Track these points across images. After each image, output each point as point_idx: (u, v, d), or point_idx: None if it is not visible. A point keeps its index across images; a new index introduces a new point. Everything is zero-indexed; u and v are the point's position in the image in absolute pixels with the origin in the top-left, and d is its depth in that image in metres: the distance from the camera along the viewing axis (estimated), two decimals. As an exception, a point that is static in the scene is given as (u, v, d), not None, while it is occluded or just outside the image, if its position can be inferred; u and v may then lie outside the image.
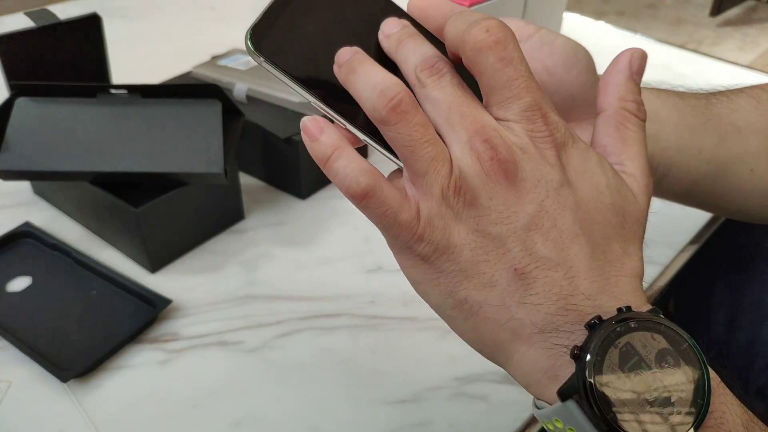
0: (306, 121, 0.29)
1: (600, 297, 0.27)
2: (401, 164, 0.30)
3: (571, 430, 0.25)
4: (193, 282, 0.56)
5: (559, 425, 0.26)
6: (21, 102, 0.57)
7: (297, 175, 0.65)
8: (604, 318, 0.25)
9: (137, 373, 0.48)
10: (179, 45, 0.96)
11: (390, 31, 0.31)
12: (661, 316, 0.26)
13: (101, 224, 0.60)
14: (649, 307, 0.27)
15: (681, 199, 0.44)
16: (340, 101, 0.29)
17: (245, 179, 0.69)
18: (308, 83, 0.29)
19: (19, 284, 0.55)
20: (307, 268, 0.58)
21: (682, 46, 1.05)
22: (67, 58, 0.65)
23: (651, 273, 0.59)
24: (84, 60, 0.66)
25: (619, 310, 0.26)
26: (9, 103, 0.57)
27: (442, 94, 0.28)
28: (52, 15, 0.64)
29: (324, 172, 0.29)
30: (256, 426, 0.45)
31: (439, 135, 0.28)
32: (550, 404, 0.26)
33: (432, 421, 0.46)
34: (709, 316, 0.64)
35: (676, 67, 0.96)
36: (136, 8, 1.12)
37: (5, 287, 0.54)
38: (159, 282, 0.56)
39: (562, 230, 0.27)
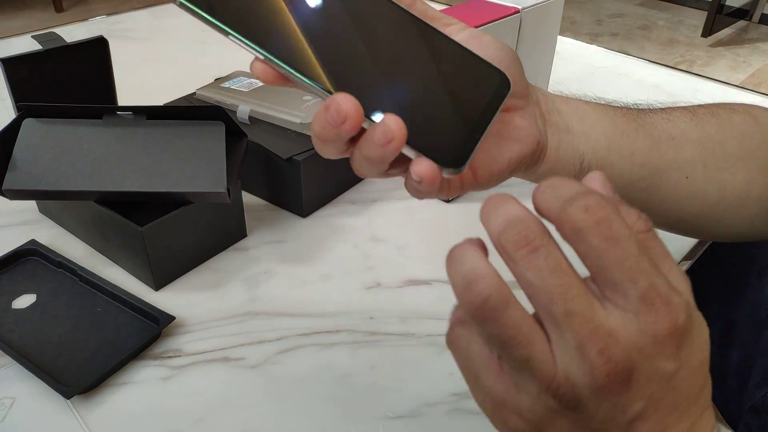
0: None
1: None
2: (323, 97, 0.30)
3: None
4: (196, 299, 0.57)
5: None
6: (28, 123, 0.58)
7: (298, 194, 0.66)
8: None
9: (140, 390, 0.49)
10: (183, 67, 0.98)
11: None
12: None
13: (106, 242, 0.60)
14: None
15: None
16: (259, 33, 0.30)
17: (248, 198, 0.70)
18: (225, 19, 0.29)
19: (24, 301, 0.55)
20: (308, 285, 0.59)
21: (674, 67, 1.06)
22: (74, 80, 0.66)
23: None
24: (90, 82, 0.68)
25: None
26: (16, 124, 0.58)
27: (539, 279, 0.24)
28: (59, 38, 0.65)
29: None
30: (258, 441, 0.46)
31: (539, 319, 0.25)
32: None
33: (431, 435, 0.46)
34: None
35: (668, 87, 0.98)
36: (141, 31, 1.14)
37: (11, 304, 0.55)
38: (162, 299, 0.57)
39: (662, 415, 0.25)
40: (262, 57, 0.31)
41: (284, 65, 0.31)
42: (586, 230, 0.24)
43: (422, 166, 0.31)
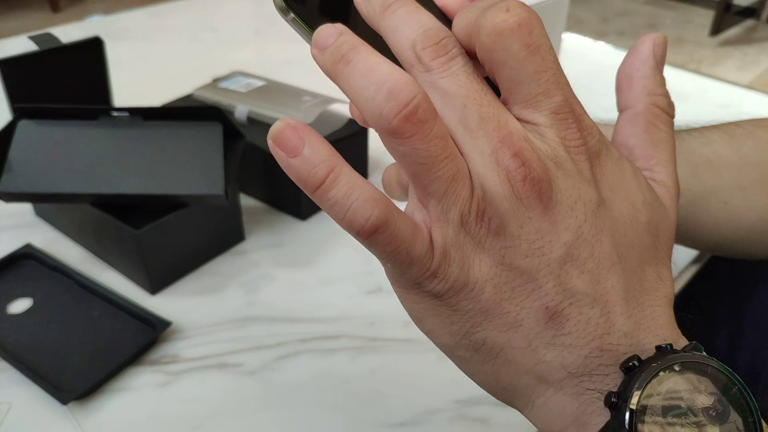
0: (281, 129, 0.23)
1: (638, 333, 0.23)
2: None
3: None
4: (193, 304, 0.56)
5: None
6: (23, 124, 0.58)
7: (297, 196, 0.65)
8: (643, 358, 0.22)
9: (137, 396, 0.48)
10: (181, 67, 0.97)
11: None
12: (704, 353, 0.23)
13: (102, 246, 0.60)
14: (686, 341, 0.24)
15: None
16: None
17: (245, 200, 0.69)
18: None
19: (19, 306, 0.55)
20: (307, 290, 0.58)
21: (682, 66, 1.05)
22: (70, 81, 0.66)
23: (652, 293, 0.58)
24: (86, 83, 0.67)
25: (659, 348, 0.23)
26: (12, 126, 0.57)
27: (455, 85, 0.23)
28: (55, 39, 0.65)
29: (312, 198, 0.23)
30: (256, 449, 0.45)
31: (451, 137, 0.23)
32: None
33: (432, 444, 0.46)
34: (709, 338, 0.64)
35: (676, 86, 0.97)
36: (138, 31, 1.14)
37: (6, 309, 0.54)
38: (159, 304, 0.56)
39: (599, 259, 0.23)
40: None
41: None
42: (507, 33, 0.22)
43: None
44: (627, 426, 0.21)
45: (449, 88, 0.23)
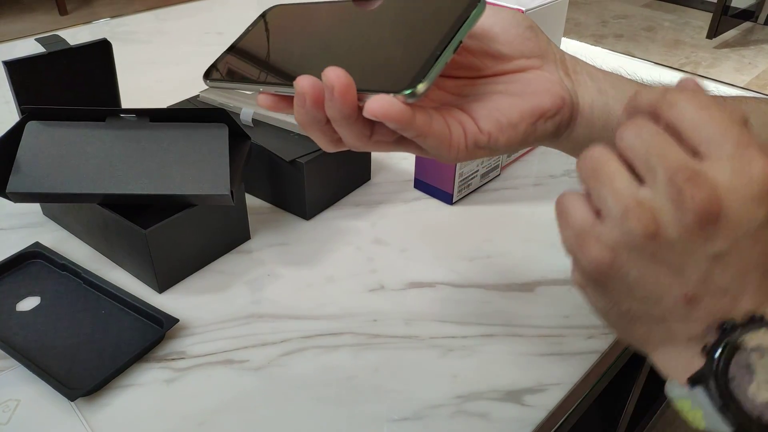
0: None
1: (756, 310, 0.28)
2: None
3: (697, 410, 0.28)
4: (199, 301, 0.57)
5: (687, 406, 0.29)
6: (31, 126, 0.58)
7: (301, 197, 0.66)
8: (738, 323, 0.27)
9: (144, 392, 0.49)
10: (187, 69, 0.98)
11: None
12: None
13: (110, 245, 0.61)
14: None
15: None
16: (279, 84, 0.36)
17: (251, 200, 0.70)
18: (249, 82, 0.38)
19: (28, 304, 0.55)
20: (311, 288, 0.59)
21: (679, 68, 1.06)
22: (77, 83, 0.66)
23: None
24: (94, 84, 0.68)
25: (752, 318, 0.27)
26: (20, 127, 0.58)
27: (638, 139, 0.28)
28: (63, 41, 0.66)
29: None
30: (262, 443, 0.46)
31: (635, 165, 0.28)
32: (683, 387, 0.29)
33: (434, 438, 0.46)
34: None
35: (673, 89, 0.98)
36: (145, 33, 1.15)
37: (15, 307, 0.55)
38: (166, 302, 0.57)
39: (745, 264, 0.27)
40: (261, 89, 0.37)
41: (275, 88, 0.37)
42: (682, 101, 0.28)
43: (372, 102, 0.30)
44: (716, 365, 0.27)
45: (634, 142, 0.29)
